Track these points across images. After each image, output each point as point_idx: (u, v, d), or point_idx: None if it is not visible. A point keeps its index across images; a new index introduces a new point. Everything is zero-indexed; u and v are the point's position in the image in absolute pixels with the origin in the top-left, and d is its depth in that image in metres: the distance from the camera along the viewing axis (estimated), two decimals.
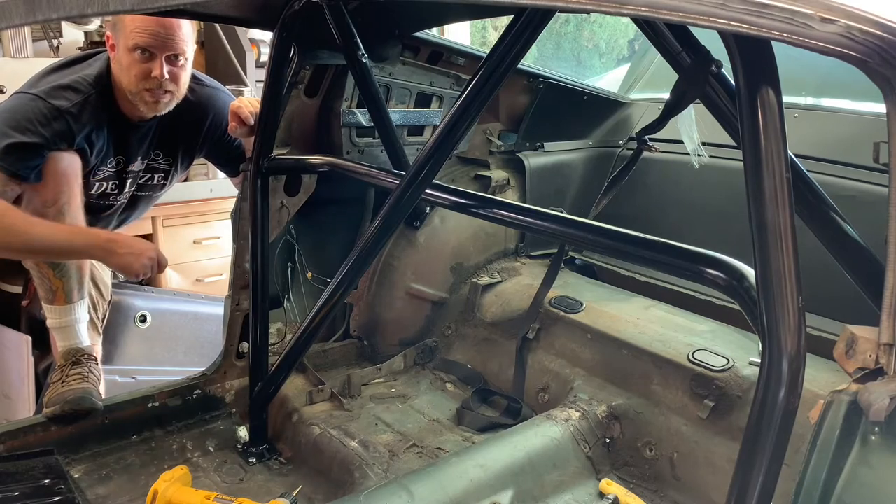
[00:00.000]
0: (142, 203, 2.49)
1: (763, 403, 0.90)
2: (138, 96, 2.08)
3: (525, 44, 1.49)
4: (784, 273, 0.90)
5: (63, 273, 2.05)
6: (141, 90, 2.07)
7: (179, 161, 2.42)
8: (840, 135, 2.14)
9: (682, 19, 0.72)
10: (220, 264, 3.41)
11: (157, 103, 2.11)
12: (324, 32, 1.95)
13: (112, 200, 2.35)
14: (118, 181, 2.30)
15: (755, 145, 0.92)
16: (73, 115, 2.00)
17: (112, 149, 2.20)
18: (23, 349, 2.46)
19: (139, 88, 2.06)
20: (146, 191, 2.43)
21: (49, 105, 1.97)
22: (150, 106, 2.12)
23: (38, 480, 1.74)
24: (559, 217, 1.51)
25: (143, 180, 2.38)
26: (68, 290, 2.06)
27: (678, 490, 1.82)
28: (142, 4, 0.91)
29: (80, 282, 2.09)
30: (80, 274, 2.09)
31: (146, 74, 2.04)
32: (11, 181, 1.94)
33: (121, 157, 2.25)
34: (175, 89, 2.12)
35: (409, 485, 1.62)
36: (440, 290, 2.49)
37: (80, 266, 2.08)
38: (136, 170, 2.32)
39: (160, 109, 2.15)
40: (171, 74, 2.07)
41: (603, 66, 6.03)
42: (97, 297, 2.50)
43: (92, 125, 2.06)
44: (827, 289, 1.44)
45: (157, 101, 2.11)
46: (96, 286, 2.50)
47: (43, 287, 2.07)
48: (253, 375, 2.05)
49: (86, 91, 2.05)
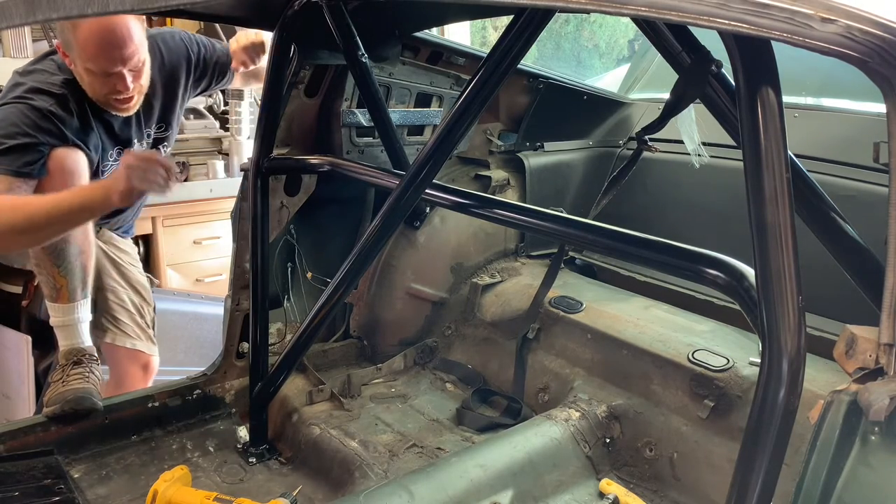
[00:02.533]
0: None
1: (763, 403, 0.91)
2: (107, 104, 2.08)
3: (525, 44, 1.49)
4: (784, 273, 0.90)
5: (67, 270, 2.04)
6: (109, 99, 2.07)
7: (174, 120, 2.40)
8: (840, 135, 2.14)
9: (682, 19, 0.72)
10: (220, 264, 3.42)
11: (127, 108, 2.11)
12: (324, 32, 1.95)
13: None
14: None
15: (755, 145, 0.92)
16: (54, 114, 2.00)
17: (108, 141, 2.20)
18: (23, 349, 2.46)
19: (105, 97, 2.06)
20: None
21: (31, 107, 1.97)
22: (122, 110, 2.12)
23: (38, 480, 1.74)
24: (559, 217, 1.51)
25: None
26: (72, 288, 2.05)
27: (678, 490, 1.82)
28: (142, 4, 0.91)
29: (83, 281, 2.08)
30: (83, 273, 2.08)
31: (111, 90, 2.03)
32: (17, 181, 1.93)
33: (120, 148, 2.24)
34: (141, 87, 2.10)
35: (409, 485, 1.62)
36: (440, 290, 2.49)
37: (83, 265, 2.07)
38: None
39: (132, 109, 2.14)
40: (134, 77, 2.05)
41: (603, 66, 6.03)
42: (140, 301, 2.50)
43: (76, 123, 2.06)
44: (827, 289, 1.44)
45: (128, 107, 2.11)
46: (137, 291, 2.49)
47: (47, 285, 2.06)
48: (253, 375, 2.05)
49: (58, 93, 2.04)
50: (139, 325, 2.47)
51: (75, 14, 0.84)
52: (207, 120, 3.83)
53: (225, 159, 3.73)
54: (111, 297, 2.43)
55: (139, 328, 2.47)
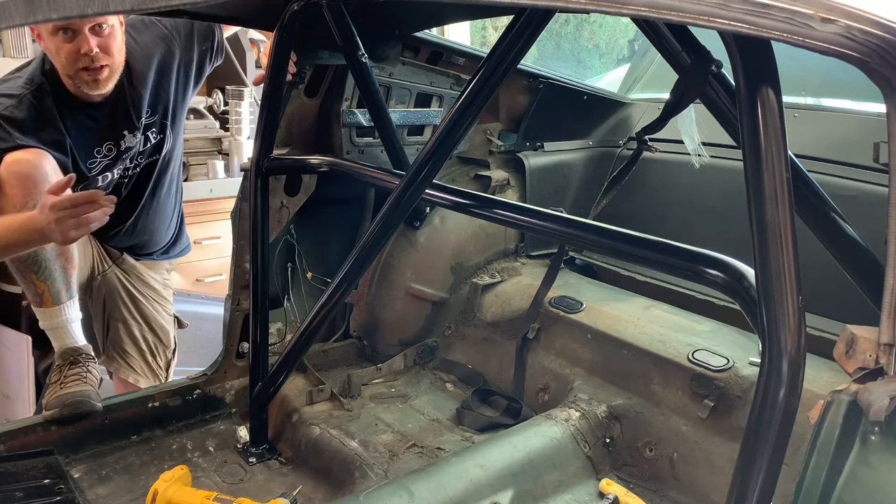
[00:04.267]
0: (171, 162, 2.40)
1: (763, 403, 0.91)
2: (77, 78, 2.02)
3: (525, 44, 1.49)
4: (784, 273, 0.90)
5: (46, 275, 1.99)
6: (77, 70, 2.00)
7: (172, 106, 2.31)
8: (840, 135, 2.14)
9: (682, 19, 0.72)
10: (220, 264, 3.41)
11: (97, 81, 2.04)
12: (324, 32, 1.95)
13: (130, 185, 2.31)
14: (122, 165, 2.25)
15: (755, 145, 0.92)
16: (6, 118, 1.95)
17: (91, 138, 2.14)
18: (23, 349, 2.46)
19: (75, 69, 2.00)
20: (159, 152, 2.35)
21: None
22: (92, 85, 2.04)
23: (38, 480, 1.74)
24: (559, 217, 1.51)
25: (146, 147, 2.30)
26: (55, 291, 2.01)
27: (678, 490, 1.82)
28: (142, 4, 0.91)
29: (66, 283, 2.03)
30: (65, 275, 2.03)
31: (76, 53, 1.97)
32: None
33: (109, 143, 2.18)
34: (110, 61, 2.04)
35: (409, 485, 1.62)
36: (440, 290, 2.49)
37: (64, 267, 2.02)
38: (132, 145, 2.24)
39: (104, 87, 2.06)
40: (101, 46, 1.99)
41: (603, 66, 6.03)
42: (155, 342, 2.45)
43: (36, 123, 2.00)
44: (827, 289, 1.44)
45: (97, 80, 2.03)
46: (152, 329, 2.44)
47: (29, 291, 2.03)
48: (253, 375, 2.05)
49: (19, 94, 1.99)
50: (148, 364, 2.44)
51: (75, 14, 0.84)
52: (207, 120, 3.83)
53: (225, 159, 3.73)
54: (122, 329, 2.40)
55: (147, 367, 2.44)
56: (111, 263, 2.41)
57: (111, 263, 2.41)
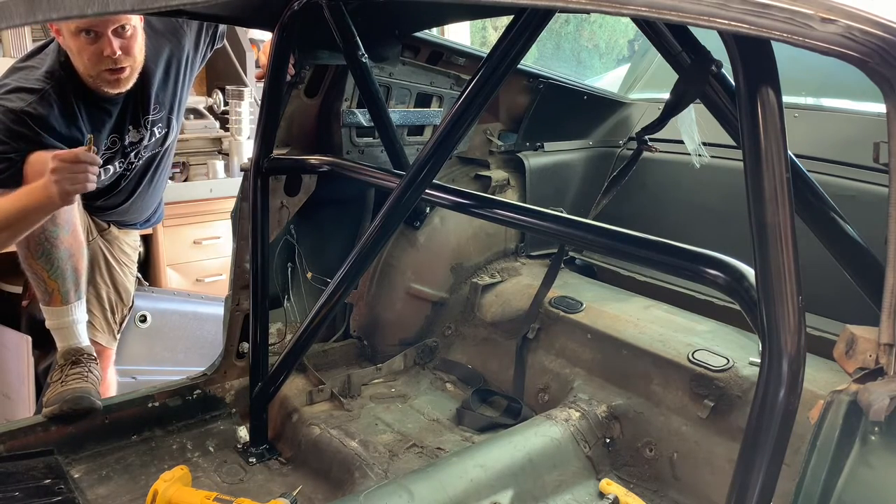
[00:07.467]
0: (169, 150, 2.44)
1: (763, 403, 0.91)
2: (98, 78, 2.03)
3: (525, 44, 1.49)
4: (784, 273, 0.90)
5: (58, 274, 2.02)
6: (99, 72, 2.01)
7: (175, 101, 2.33)
8: (840, 135, 2.14)
9: (682, 19, 0.72)
10: (220, 264, 3.41)
11: (118, 81, 2.05)
12: (324, 32, 1.95)
13: (132, 177, 2.33)
14: (123, 157, 2.26)
15: (755, 145, 0.92)
16: (31, 114, 1.95)
17: (102, 132, 2.15)
18: (23, 349, 2.47)
19: (97, 71, 2.00)
20: (163, 145, 2.37)
21: (5, 110, 1.93)
22: (113, 84, 2.05)
23: (38, 480, 1.74)
24: (559, 217, 1.51)
25: (151, 141, 2.31)
26: (64, 291, 2.04)
27: (678, 490, 1.82)
28: (142, 4, 0.91)
29: (76, 283, 2.06)
30: (76, 275, 2.06)
31: (99, 55, 1.97)
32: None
33: (114, 136, 2.20)
34: (132, 62, 2.05)
35: (409, 485, 1.62)
36: (440, 290, 2.49)
37: (74, 267, 2.06)
38: (136, 140, 2.26)
39: (124, 86, 2.08)
40: (123, 48, 1.99)
41: (603, 66, 6.03)
42: (116, 300, 2.50)
43: (58, 117, 2.00)
44: (827, 289, 1.44)
45: (119, 79, 2.04)
46: (117, 291, 2.50)
47: (39, 289, 2.05)
48: (253, 375, 2.05)
49: (40, 88, 1.99)
50: (107, 321, 2.48)
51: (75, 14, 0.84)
52: (207, 120, 3.82)
53: (225, 159, 3.73)
54: (91, 291, 2.43)
55: (105, 323, 2.48)
56: (96, 234, 2.45)
57: (96, 234, 2.45)
